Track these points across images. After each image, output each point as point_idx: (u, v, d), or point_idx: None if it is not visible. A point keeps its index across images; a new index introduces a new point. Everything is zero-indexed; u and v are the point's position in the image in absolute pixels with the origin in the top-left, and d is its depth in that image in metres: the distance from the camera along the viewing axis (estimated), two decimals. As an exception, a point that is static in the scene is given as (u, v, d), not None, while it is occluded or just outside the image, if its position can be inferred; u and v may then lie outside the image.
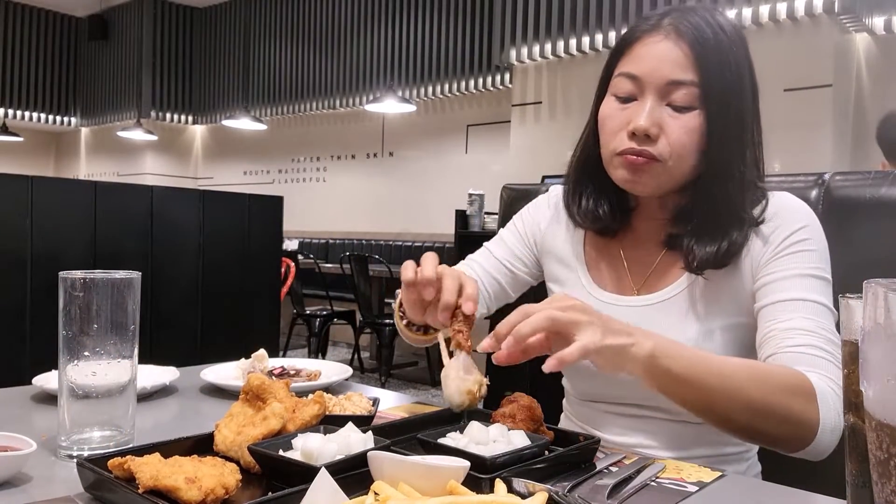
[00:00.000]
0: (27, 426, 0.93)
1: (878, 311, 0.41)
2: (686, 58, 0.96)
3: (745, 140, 1.00)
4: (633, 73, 0.98)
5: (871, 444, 0.44)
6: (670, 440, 1.03)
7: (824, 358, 0.90)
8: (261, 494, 0.69)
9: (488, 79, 6.33)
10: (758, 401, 0.84)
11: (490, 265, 1.19)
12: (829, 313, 0.94)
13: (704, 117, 0.96)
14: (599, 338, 0.81)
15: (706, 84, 0.96)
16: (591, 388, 1.10)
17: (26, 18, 9.28)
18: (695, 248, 1.00)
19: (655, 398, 1.03)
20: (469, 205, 5.15)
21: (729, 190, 0.99)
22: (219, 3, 8.89)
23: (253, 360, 1.22)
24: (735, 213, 0.99)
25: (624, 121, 0.99)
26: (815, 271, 0.97)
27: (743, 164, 0.99)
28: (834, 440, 0.86)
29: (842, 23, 4.29)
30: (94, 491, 0.68)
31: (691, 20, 0.97)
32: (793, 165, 4.28)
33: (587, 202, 1.10)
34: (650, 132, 0.96)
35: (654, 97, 0.97)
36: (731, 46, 0.98)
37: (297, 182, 8.40)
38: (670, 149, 0.97)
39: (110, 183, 2.75)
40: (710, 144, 0.97)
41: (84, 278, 0.78)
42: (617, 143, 0.99)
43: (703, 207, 1.00)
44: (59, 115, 9.80)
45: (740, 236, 0.99)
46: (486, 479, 0.68)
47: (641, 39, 1.00)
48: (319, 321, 5.66)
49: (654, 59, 0.97)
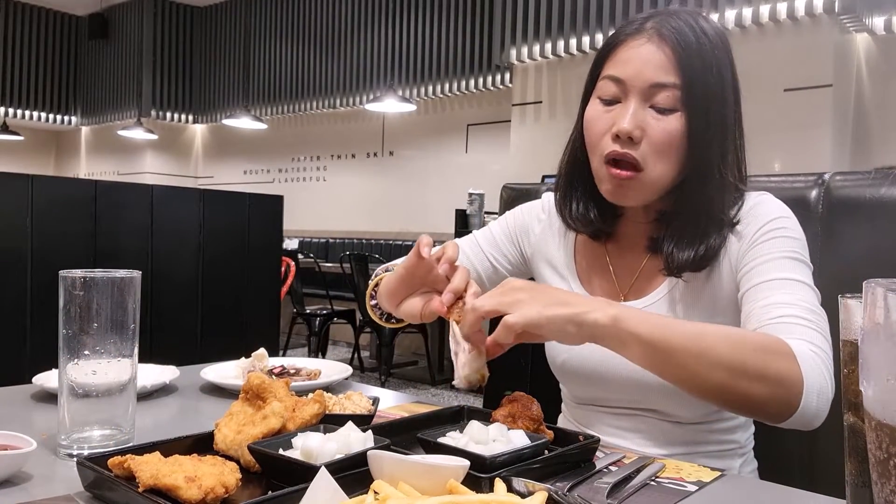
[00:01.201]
0: (27, 425, 0.93)
1: (878, 311, 0.41)
2: (668, 61, 0.97)
3: (727, 143, 1.00)
4: (617, 76, 0.99)
5: (871, 444, 0.44)
6: (666, 439, 1.04)
7: (803, 325, 0.88)
8: (261, 493, 0.69)
9: (488, 78, 6.32)
10: (731, 359, 0.82)
11: (474, 254, 1.20)
12: (809, 289, 0.93)
13: (686, 119, 0.97)
14: (540, 308, 0.81)
15: (688, 87, 0.96)
16: (585, 392, 1.11)
17: (26, 17, 9.28)
18: (674, 250, 1.00)
19: (650, 400, 1.04)
20: (469, 204, 5.16)
21: (709, 192, 0.99)
22: (219, 2, 8.89)
23: (253, 359, 1.22)
24: (714, 216, 1.00)
25: (608, 123, 1.00)
26: (792, 254, 0.96)
27: (723, 167, 1.00)
28: (822, 406, 0.83)
29: (842, 23, 4.29)
30: (95, 490, 0.68)
31: (674, 24, 0.98)
32: (793, 165, 4.29)
33: (577, 205, 1.11)
34: (633, 134, 0.97)
35: (637, 100, 0.98)
36: (713, 50, 0.98)
37: (297, 181, 8.40)
38: (652, 151, 0.97)
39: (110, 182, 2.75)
40: (692, 146, 0.98)
41: (84, 277, 0.78)
42: (602, 146, 1.00)
43: (683, 210, 1.01)
44: (59, 114, 9.80)
45: (718, 238, 1.00)
46: (486, 479, 0.68)
47: (625, 43, 1.01)
48: (319, 320, 5.67)
49: (637, 62, 0.98)
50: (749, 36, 4.51)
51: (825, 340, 0.88)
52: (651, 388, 1.01)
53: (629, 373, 1.02)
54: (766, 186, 1.08)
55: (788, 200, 1.05)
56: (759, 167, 1.11)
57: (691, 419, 1.04)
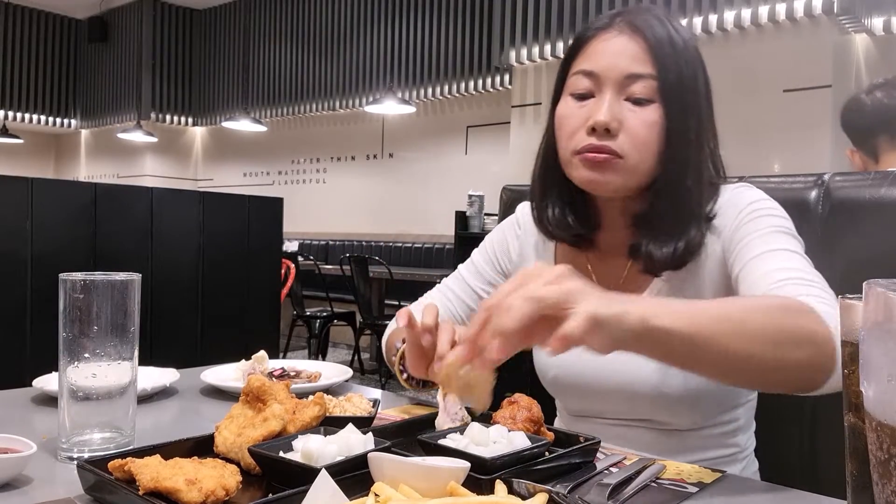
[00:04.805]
0: (27, 428, 0.93)
1: (878, 311, 0.41)
2: (642, 51, 0.96)
3: (703, 135, 1.00)
4: (590, 70, 0.98)
5: (872, 444, 0.44)
6: (663, 449, 1.01)
7: (808, 284, 0.84)
8: (261, 496, 0.69)
9: (488, 80, 6.33)
10: (766, 327, 0.75)
11: (462, 291, 1.19)
12: (802, 258, 0.91)
13: (663, 111, 0.96)
14: (606, 303, 0.67)
15: (664, 77, 0.96)
16: (579, 404, 1.10)
17: (26, 20, 9.28)
18: (652, 249, 0.98)
19: (643, 411, 1.03)
20: (469, 206, 5.16)
21: (687, 187, 0.98)
22: (218, 4, 8.89)
23: (253, 362, 1.22)
24: (692, 212, 0.98)
25: (583, 118, 0.98)
26: (780, 229, 0.94)
27: (700, 160, 0.99)
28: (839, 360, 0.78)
29: (841, 23, 4.29)
30: (95, 493, 0.68)
31: (644, 17, 0.99)
32: (792, 166, 4.29)
33: (553, 211, 1.08)
34: (610, 126, 0.95)
35: (612, 92, 0.97)
36: (685, 44, 0.98)
37: (296, 183, 8.41)
38: (631, 144, 0.96)
39: (110, 184, 2.75)
40: (669, 138, 0.97)
41: (84, 280, 0.78)
42: (576, 142, 0.98)
43: (660, 207, 0.99)
44: (59, 116, 9.80)
45: (698, 234, 0.98)
46: (487, 480, 0.68)
47: (596, 36, 1.00)
48: (319, 322, 5.66)
49: (610, 55, 0.97)
50: (748, 37, 4.52)
51: (833, 297, 0.84)
52: (643, 399, 1.00)
53: (621, 384, 1.01)
54: (765, 187, 1.08)
55: (788, 201, 1.04)
56: (759, 168, 1.11)
57: (686, 426, 1.03)
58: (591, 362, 1.03)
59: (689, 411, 1.01)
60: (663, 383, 0.98)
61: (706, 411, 1.02)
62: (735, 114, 4.31)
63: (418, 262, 6.90)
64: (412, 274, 5.50)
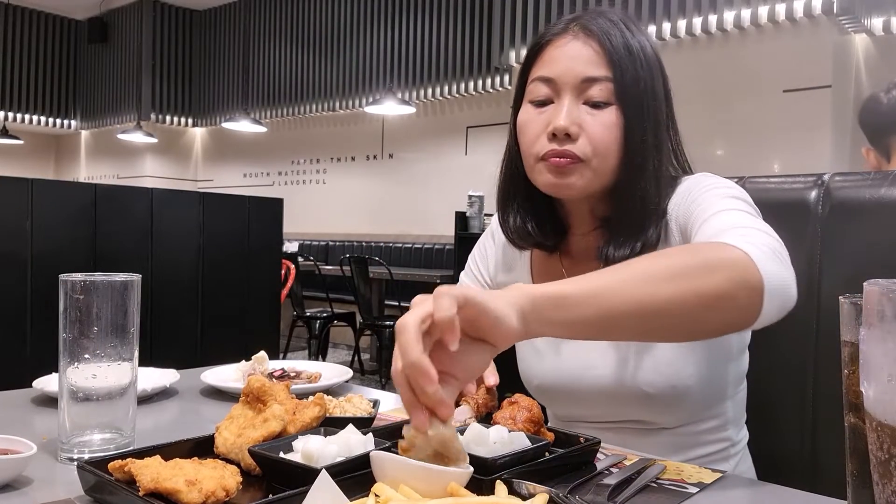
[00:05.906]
0: (27, 429, 0.93)
1: (878, 311, 0.41)
2: (597, 55, 0.97)
3: (661, 135, 1.00)
4: (548, 76, 0.99)
5: (872, 444, 0.44)
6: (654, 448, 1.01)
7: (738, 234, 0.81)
8: (261, 496, 0.69)
9: (488, 80, 6.33)
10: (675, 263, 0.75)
11: None
12: (745, 214, 0.88)
13: (621, 113, 0.97)
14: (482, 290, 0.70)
15: (619, 79, 0.96)
16: (566, 410, 1.11)
17: (26, 21, 9.28)
18: (612, 251, 0.99)
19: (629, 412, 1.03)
20: (469, 206, 5.15)
21: (645, 188, 0.98)
22: (218, 5, 8.90)
23: (253, 363, 1.22)
24: (652, 212, 0.99)
25: (543, 124, 0.99)
26: (727, 195, 0.92)
27: (658, 160, 0.99)
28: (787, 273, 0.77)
29: (840, 23, 4.29)
30: (95, 493, 0.68)
31: (598, 20, 0.99)
32: (792, 166, 4.29)
33: (515, 219, 1.09)
34: (570, 131, 0.96)
35: (570, 97, 0.97)
36: (640, 45, 0.99)
37: (296, 184, 8.41)
38: (592, 147, 0.97)
39: (110, 185, 2.75)
40: (627, 140, 0.97)
41: (84, 281, 0.78)
42: (539, 148, 0.99)
43: (622, 209, 1.00)
44: (59, 117, 9.80)
45: (655, 233, 0.99)
46: (487, 481, 0.68)
47: (552, 42, 1.01)
48: (319, 323, 5.66)
49: (566, 60, 0.98)
50: (748, 37, 4.52)
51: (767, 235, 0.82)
52: (628, 400, 1.01)
53: (604, 388, 1.01)
54: (765, 187, 1.08)
55: (788, 201, 1.04)
56: (759, 168, 1.11)
57: (675, 423, 1.03)
58: (573, 368, 1.04)
59: (674, 409, 1.01)
60: (647, 384, 0.99)
61: (692, 408, 1.02)
62: (735, 114, 4.32)
63: (418, 263, 6.90)
64: (412, 274, 5.50)
